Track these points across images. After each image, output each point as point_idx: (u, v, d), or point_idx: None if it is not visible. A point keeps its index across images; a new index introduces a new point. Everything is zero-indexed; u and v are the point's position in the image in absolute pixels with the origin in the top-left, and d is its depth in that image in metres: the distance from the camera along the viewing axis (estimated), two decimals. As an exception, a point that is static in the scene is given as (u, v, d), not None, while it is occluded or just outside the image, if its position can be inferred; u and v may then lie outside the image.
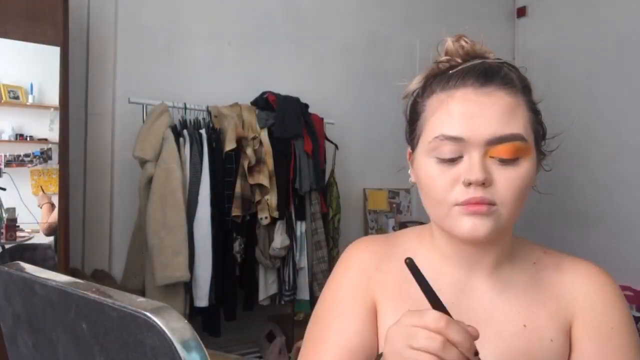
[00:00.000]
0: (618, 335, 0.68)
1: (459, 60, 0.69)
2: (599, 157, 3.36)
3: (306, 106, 2.65)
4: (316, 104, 2.74)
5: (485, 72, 0.66)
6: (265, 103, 2.53)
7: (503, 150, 0.63)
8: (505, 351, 0.67)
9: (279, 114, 2.49)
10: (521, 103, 0.65)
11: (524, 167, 0.64)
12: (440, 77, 0.69)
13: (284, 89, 2.64)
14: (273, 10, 2.97)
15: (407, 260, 0.56)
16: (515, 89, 0.65)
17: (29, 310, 0.53)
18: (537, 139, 0.68)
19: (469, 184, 0.63)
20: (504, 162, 0.63)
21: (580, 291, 0.70)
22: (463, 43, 0.69)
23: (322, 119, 2.76)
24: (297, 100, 2.61)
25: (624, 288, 3.08)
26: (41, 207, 2.03)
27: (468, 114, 0.64)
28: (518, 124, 0.64)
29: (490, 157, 0.63)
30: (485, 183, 0.62)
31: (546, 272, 0.73)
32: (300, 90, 2.73)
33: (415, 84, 0.73)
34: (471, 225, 0.63)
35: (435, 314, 0.52)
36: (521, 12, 3.94)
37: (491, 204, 0.63)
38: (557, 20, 3.68)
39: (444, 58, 0.71)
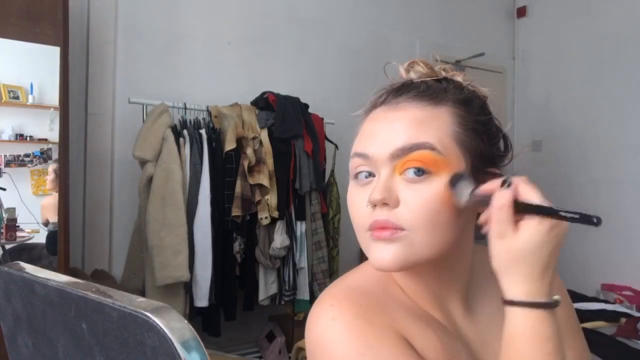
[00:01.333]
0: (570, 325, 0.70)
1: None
2: (599, 157, 3.36)
3: (306, 106, 2.65)
4: (316, 104, 2.74)
5: (398, 88, 0.63)
6: (265, 103, 2.53)
7: (408, 162, 0.57)
8: None
9: (279, 114, 2.49)
10: (440, 115, 0.59)
11: (437, 183, 0.56)
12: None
13: (284, 89, 2.63)
14: (273, 10, 2.97)
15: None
16: (431, 101, 0.60)
17: (29, 310, 0.53)
18: (474, 156, 0.60)
19: (373, 206, 0.57)
20: (414, 178, 0.56)
21: None
22: (419, 69, 0.65)
23: (322, 119, 2.76)
24: (297, 100, 2.61)
25: (624, 288, 3.08)
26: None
27: (374, 131, 0.61)
28: (427, 134, 0.57)
29: (400, 174, 0.57)
30: (388, 203, 0.56)
31: None
32: (300, 90, 2.72)
33: (363, 108, 0.69)
34: (377, 253, 0.57)
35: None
36: (521, 12, 3.94)
37: (397, 228, 0.56)
38: (557, 20, 3.68)
39: (396, 83, 0.66)
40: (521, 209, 0.52)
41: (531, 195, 0.52)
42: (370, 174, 0.60)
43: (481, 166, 0.61)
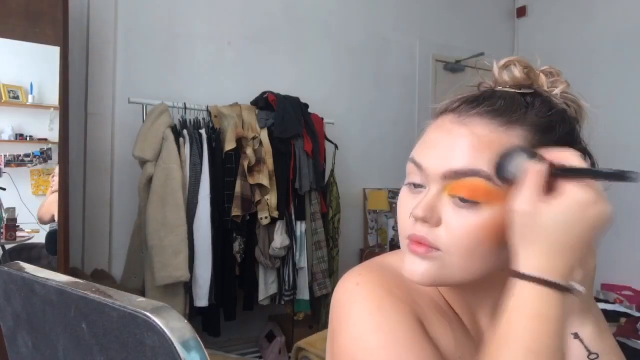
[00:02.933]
0: None
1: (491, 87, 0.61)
2: (599, 157, 3.34)
3: (306, 106, 2.65)
4: (316, 104, 2.74)
5: (476, 98, 0.57)
6: (265, 103, 2.53)
7: (458, 187, 0.53)
8: None
9: (279, 114, 2.49)
10: (509, 141, 0.54)
11: (486, 215, 0.52)
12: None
13: (284, 89, 2.64)
14: (273, 10, 2.97)
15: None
16: (504, 122, 0.54)
17: (29, 310, 0.53)
18: None
19: (415, 220, 0.55)
20: (464, 203, 0.53)
21: None
22: (515, 71, 0.59)
23: (322, 119, 2.76)
24: (297, 100, 2.61)
25: (624, 288, 3.08)
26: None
27: (434, 142, 0.57)
28: (485, 160, 0.52)
29: (449, 195, 0.54)
30: (428, 222, 0.54)
31: None
32: (300, 90, 2.73)
33: (443, 104, 0.63)
34: (410, 264, 0.56)
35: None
36: (521, 12, 3.94)
37: (433, 247, 0.54)
38: (557, 20, 3.68)
39: (485, 83, 0.62)
40: (557, 173, 0.49)
41: (571, 159, 0.50)
42: (422, 185, 0.57)
43: None
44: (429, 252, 0.55)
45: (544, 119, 0.56)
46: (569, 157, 0.50)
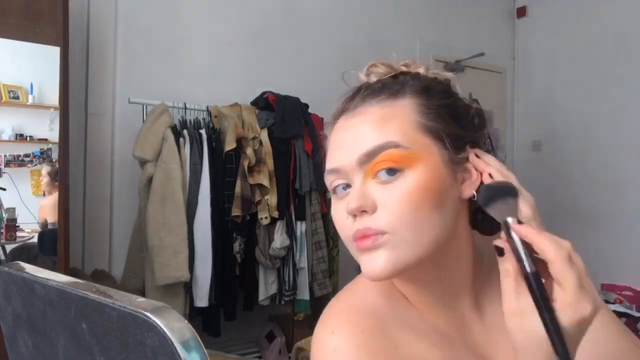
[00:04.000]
0: None
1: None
2: (599, 156, 3.36)
3: (306, 106, 2.65)
4: (316, 104, 2.74)
5: (353, 92, 0.61)
6: (265, 103, 2.53)
7: (376, 165, 0.55)
8: None
9: (279, 114, 2.49)
10: (399, 109, 0.57)
11: (411, 179, 0.54)
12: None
13: (284, 89, 2.64)
14: (273, 10, 2.97)
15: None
16: (388, 97, 0.58)
17: (29, 310, 0.53)
18: (445, 142, 0.57)
19: (354, 216, 0.56)
20: (386, 179, 0.55)
21: None
22: (379, 70, 0.62)
23: (322, 119, 2.76)
24: (297, 100, 2.61)
25: (624, 288, 3.08)
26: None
27: (339, 142, 0.59)
28: (389, 132, 0.55)
29: (372, 178, 0.56)
30: (366, 210, 0.55)
31: None
32: (300, 90, 2.72)
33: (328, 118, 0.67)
34: (366, 264, 0.56)
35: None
36: (521, 12, 3.95)
37: (378, 233, 0.54)
38: (557, 20, 3.68)
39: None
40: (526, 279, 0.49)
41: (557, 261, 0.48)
42: (348, 186, 0.58)
43: (458, 148, 0.58)
44: (376, 240, 0.54)
45: (420, 84, 0.60)
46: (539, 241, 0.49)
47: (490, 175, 0.58)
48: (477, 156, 0.59)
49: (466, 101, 0.62)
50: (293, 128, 2.50)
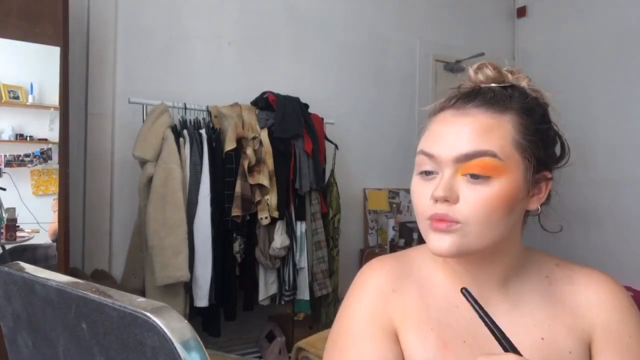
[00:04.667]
0: (635, 343, 0.69)
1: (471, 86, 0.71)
2: (599, 157, 3.36)
3: (306, 106, 2.65)
4: (316, 104, 2.74)
5: (469, 94, 0.67)
6: (265, 103, 2.53)
7: (470, 167, 0.63)
8: None
9: (279, 114, 2.49)
10: (504, 124, 0.65)
11: (496, 186, 0.63)
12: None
13: (284, 89, 2.64)
14: (273, 10, 2.97)
15: (463, 290, 0.59)
16: (496, 109, 0.65)
17: (29, 310, 0.53)
18: (531, 162, 0.66)
19: (435, 201, 0.64)
20: (475, 179, 0.63)
21: (595, 302, 0.71)
22: (488, 72, 0.70)
23: (322, 119, 2.76)
24: (297, 100, 2.61)
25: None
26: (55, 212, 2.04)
27: (442, 133, 0.66)
28: (490, 142, 0.63)
29: (462, 175, 0.64)
30: (449, 200, 0.63)
31: (559, 285, 0.73)
32: (300, 90, 2.73)
33: (435, 104, 0.73)
34: (434, 241, 0.65)
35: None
36: (521, 12, 3.95)
37: (453, 221, 0.63)
38: (557, 20, 3.68)
39: (465, 84, 0.71)
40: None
41: None
42: (434, 172, 0.66)
43: (539, 170, 0.67)
44: (450, 226, 0.64)
45: (525, 103, 0.67)
46: None
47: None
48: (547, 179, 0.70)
49: (556, 129, 0.72)
50: (293, 128, 2.51)
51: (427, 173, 0.67)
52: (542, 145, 0.67)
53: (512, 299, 0.71)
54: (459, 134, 0.64)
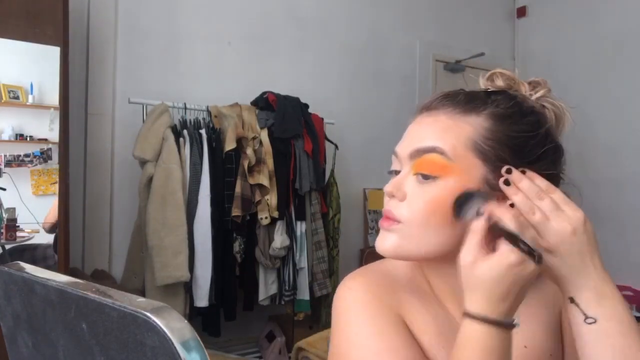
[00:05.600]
0: None
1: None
2: (599, 157, 3.36)
3: (306, 106, 2.65)
4: (316, 104, 2.74)
5: (443, 97, 0.66)
6: (265, 103, 2.53)
7: (419, 164, 0.62)
8: None
9: (279, 114, 2.49)
10: (463, 125, 0.62)
11: (441, 187, 0.60)
12: None
13: (284, 89, 2.64)
14: (273, 10, 2.97)
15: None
16: (460, 111, 0.63)
17: (29, 310, 0.53)
18: (497, 167, 0.61)
19: (386, 196, 0.65)
20: (424, 179, 0.61)
21: (559, 291, 0.71)
22: (498, 83, 0.68)
23: (322, 119, 2.76)
24: (297, 100, 2.61)
25: (624, 288, 3.08)
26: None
27: (407, 133, 0.67)
28: (442, 141, 0.61)
29: (414, 174, 0.63)
30: (395, 197, 0.63)
31: None
32: (300, 90, 2.73)
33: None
34: (378, 239, 0.65)
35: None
36: (521, 12, 3.94)
37: (394, 219, 0.63)
38: (557, 20, 3.68)
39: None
40: (496, 230, 0.56)
41: (508, 222, 0.55)
42: (398, 172, 0.66)
43: (493, 175, 0.61)
44: (391, 225, 0.63)
45: (502, 110, 0.63)
46: (507, 218, 0.56)
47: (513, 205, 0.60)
48: (509, 183, 0.60)
49: (554, 144, 0.66)
50: (293, 128, 2.50)
51: (395, 172, 0.67)
52: (513, 151, 0.61)
53: None
54: (419, 132, 0.65)
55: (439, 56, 3.61)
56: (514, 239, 0.54)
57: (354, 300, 0.66)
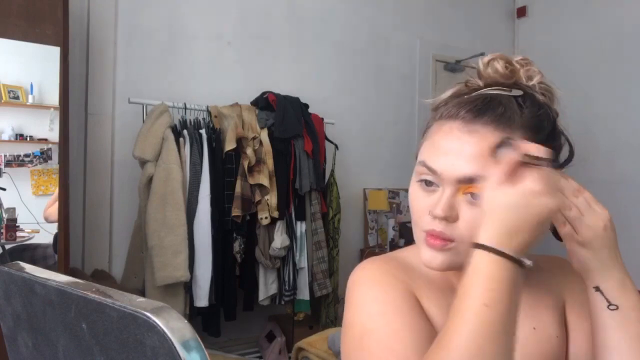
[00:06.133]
0: None
1: (481, 85, 0.69)
2: (599, 156, 3.35)
3: (306, 106, 2.65)
4: (316, 104, 2.74)
5: (480, 106, 0.64)
6: (265, 103, 2.53)
7: (473, 188, 0.62)
8: (522, 357, 0.67)
9: (279, 114, 2.49)
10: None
11: None
12: (449, 103, 0.69)
13: (284, 89, 2.64)
14: (273, 10, 2.97)
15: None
16: (505, 126, 0.63)
17: (29, 310, 0.53)
18: None
19: (434, 217, 0.64)
20: (476, 199, 0.62)
21: (563, 280, 0.75)
22: (497, 66, 0.67)
23: (322, 119, 2.76)
24: (297, 100, 2.61)
25: (624, 288, 3.08)
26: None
27: (446, 149, 0.64)
28: (491, 164, 0.61)
29: (463, 193, 0.63)
30: (448, 219, 0.63)
31: (532, 273, 0.72)
32: (300, 90, 2.73)
33: (439, 99, 0.71)
34: (427, 256, 0.66)
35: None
36: (521, 12, 3.94)
37: (448, 240, 0.64)
38: (557, 20, 3.68)
39: (472, 80, 0.70)
40: (525, 160, 0.56)
41: (535, 150, 0.57)
42: (435, 184, 0.66)
43: None
44: (445, 245, 0.64)
45: (534, 119, 0.64)
46: (534, 148, 0.57)
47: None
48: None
49: (567, 140, 0.69)
50: (293, 128, 2.50)
51: (427, 183, 0.66)
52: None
53: None
54: (463, 152, 0.62)
55: (438, 56, 3.61)
56: (541, 161, 0.56)
57: (369, 276, 0.69)
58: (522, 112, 0.64)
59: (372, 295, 0.66)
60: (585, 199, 0.64)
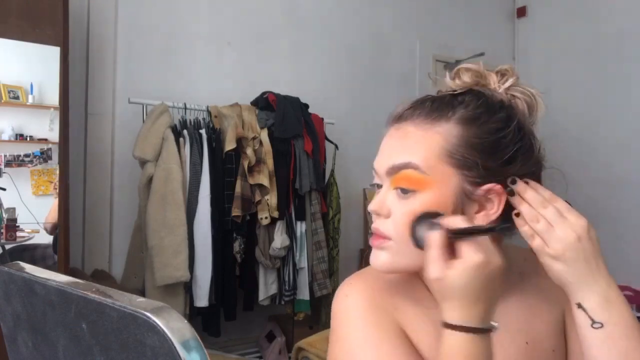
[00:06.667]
0: None
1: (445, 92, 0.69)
2: (599, 157, 3.35)
3: (306, 106, 2.65)
4: (316, 104, 2.74)
5: (413, 105, 0.67)
6: (265, 103, 2.53)
7: (397, 180, 0.63)
8: None
9: (279, 114, 2.49)
10: (432, 135, 0.62)
11: (420, 200, 0.61)
12: None
13: (284, 89, 2.64)
14: (273, 10, 2.97)
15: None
16: (430, 120, 0.63)
17: (29, 310, 0.53)
18: (469, 171, 0.62)
19: (369, 213, 0.66)
20: (404, 194, 0.62)
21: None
22: (465, 79, 0.68)
23: (322, 119, 2.76)
24: (297, 100, 2.61)
25: (624, 288, 3.08)
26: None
27: (381, 148, 0.68)
28: (415, 154, 0.62)
29: (394, 188, 0.64)
30: (380, 215, 0.64)
31: (531, 278, 0.72)
32: (300, 90, 2.72)
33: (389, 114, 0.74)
34: (372, 256, 0.66)
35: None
36: (521, 12, 3.94)
37: (384, 237, 0.64)
38: (557, 20, 3.68)
39: (444, 90, 0.70)
40: (452, 237, 0.57)
41: (458, 222, 0.58)
42: (380, 185, 0.67)
43: (480, 179, 0.62)
44: (382, 243, 0.64)
45: (470, 112, 0.63)
46: (457, 221, 0.58)
47: (518, 215, 0.62)
48: (513, 193, 0.62)
49: (518, 137, 0.64)
50: (293, 128, 2.50)
51: (377, 186, 0.68)
52: (486, 154, 0.62)
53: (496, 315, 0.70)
54: (391, 147, 0.66)
55: (439, 56, 3.61)
56: (469, 233, 0.57)
57: (352, 309, 0.66)
58: (455, 107, 0.64)
59: (356, 336, 0.64)
60: (556, 208, 0.61)
